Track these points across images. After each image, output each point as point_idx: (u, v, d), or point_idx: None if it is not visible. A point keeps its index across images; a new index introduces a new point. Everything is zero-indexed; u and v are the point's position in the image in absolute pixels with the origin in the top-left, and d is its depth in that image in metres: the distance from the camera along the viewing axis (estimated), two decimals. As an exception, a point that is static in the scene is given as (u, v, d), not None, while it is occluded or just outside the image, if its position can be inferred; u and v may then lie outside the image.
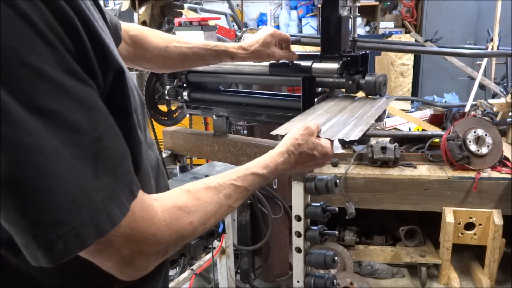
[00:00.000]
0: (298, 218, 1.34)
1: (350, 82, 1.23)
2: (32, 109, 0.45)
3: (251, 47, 1.17)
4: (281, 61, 1.29)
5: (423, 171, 2.73)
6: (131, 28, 1.07)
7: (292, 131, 0.90)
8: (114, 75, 0.56)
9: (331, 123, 1.04)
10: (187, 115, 1.85)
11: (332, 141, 0.94)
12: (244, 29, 4.28)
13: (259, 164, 0.79)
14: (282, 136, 0.94)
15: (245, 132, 2.54)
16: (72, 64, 0.49)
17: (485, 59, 3.55)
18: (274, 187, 2.46)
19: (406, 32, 5.36)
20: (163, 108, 1.72)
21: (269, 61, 1.26)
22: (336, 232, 2.68)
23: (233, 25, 4.64)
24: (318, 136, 0.92)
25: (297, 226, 1.34)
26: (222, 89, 1.68)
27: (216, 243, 2.02)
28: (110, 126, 0.53)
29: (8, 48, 0.44)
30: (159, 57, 1.12)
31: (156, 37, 1.11)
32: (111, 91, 0.56)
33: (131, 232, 0.53)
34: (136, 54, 1.08)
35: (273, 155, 0.83)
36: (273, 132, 0.99)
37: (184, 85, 1.61)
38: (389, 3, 5.54)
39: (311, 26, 5.74)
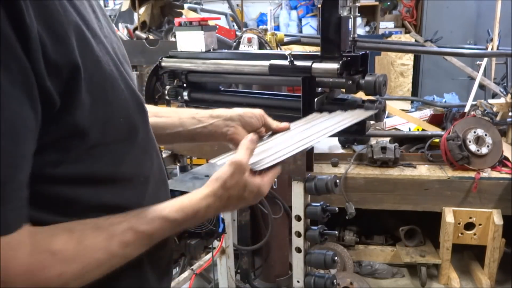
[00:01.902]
0: (298, 218, 1.34)
1: (350, 82, 1.23)
2: None
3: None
4: (279, 61, 1.29)
5: (423, 171, 2.73)
6: None
7: (221, 170, 0.75)
8: (69, 72, 0.52)
9: (269, 145, 0.85)
10: (187, 115, 1.85)
11: (271, 169, 0.77)
12: (244, 29, 4.28)
13: (172, 206, 0.67)
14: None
15: (245, 132, 2.53)
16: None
17: (485, 59, 3.54)
18: (274, 187, 2.46)
19: (406, 32, 5.36)
20: (163, 108, 1.72)
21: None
22: (336, 232, 2.68)
23: (233, 25, 4.64)
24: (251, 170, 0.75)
25: (297, 226, 1.35)
26: (222, 89, 1.68)
27: (216, 243, 2.02)
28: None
29: None
30: None
31: None
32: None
33: None
34: None
35: (195, 198, 0.70)
36: (211, 161, 0.84)
37: (184, 85, 1.61)
38: (389, 3, 5.54)
39: (311, 26, 5.74)
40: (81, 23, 0.55)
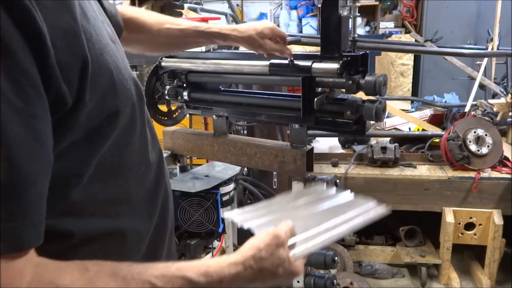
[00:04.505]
0: (298, 218, 1.34)
1: (350, 82, 1.23)
2: None
3: (246, 32, 1.15)
4: (279, 61, 1.28)
5: (423, 171, 2.73)
6: (126, 11, 1.05)
7: (257, 237, 0.69)
8: (81, 68, 0.53)
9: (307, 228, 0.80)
10: (187, 115, 1.85)
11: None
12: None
13: (197, 268, 0.62)
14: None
15: (245, 132, 2.53)
16: (22, 75, 0.46)
17: (485, 59, 3.54)
18: (274, 187, 2.46)
19: (406, 32, 5.36)
20: (163, 108, 1.72)
21: (259, 52, 1.23)
22: (336, 232, 2.67)
23: (233, 25, 4.64)
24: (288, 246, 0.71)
25: (297, 226, 1.34)
26: (222, 89, 1.68)
27: (216, 243, 2.02)
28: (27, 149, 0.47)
29: None
30: (152, 40, 1.12)
31: (150, 18, 1.10)
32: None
33: None
34: (130, 36, 1.05)
35: (223, 263, 0.65)
36: (225, 215, 0.82)
37: (184, 85, 1.61)
38: (389, 3, 5.53)
39: (311, 26, 5.74)
40: (78, 15, 0.55)
